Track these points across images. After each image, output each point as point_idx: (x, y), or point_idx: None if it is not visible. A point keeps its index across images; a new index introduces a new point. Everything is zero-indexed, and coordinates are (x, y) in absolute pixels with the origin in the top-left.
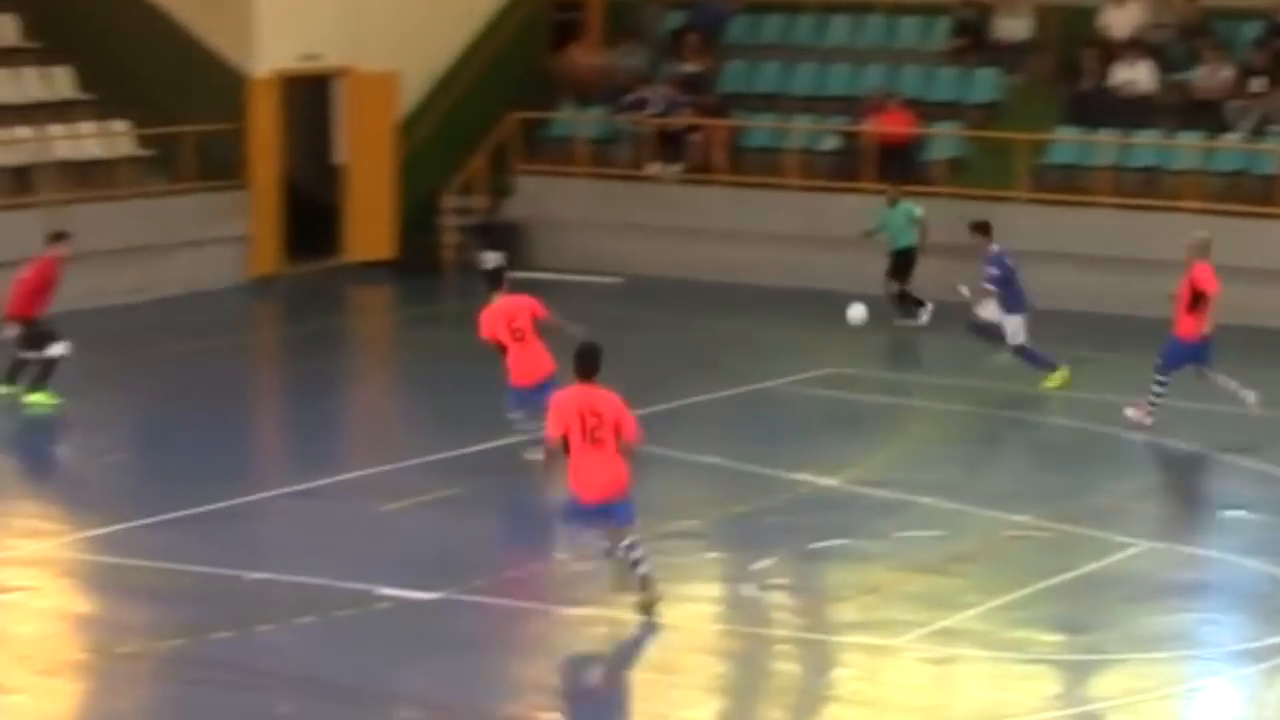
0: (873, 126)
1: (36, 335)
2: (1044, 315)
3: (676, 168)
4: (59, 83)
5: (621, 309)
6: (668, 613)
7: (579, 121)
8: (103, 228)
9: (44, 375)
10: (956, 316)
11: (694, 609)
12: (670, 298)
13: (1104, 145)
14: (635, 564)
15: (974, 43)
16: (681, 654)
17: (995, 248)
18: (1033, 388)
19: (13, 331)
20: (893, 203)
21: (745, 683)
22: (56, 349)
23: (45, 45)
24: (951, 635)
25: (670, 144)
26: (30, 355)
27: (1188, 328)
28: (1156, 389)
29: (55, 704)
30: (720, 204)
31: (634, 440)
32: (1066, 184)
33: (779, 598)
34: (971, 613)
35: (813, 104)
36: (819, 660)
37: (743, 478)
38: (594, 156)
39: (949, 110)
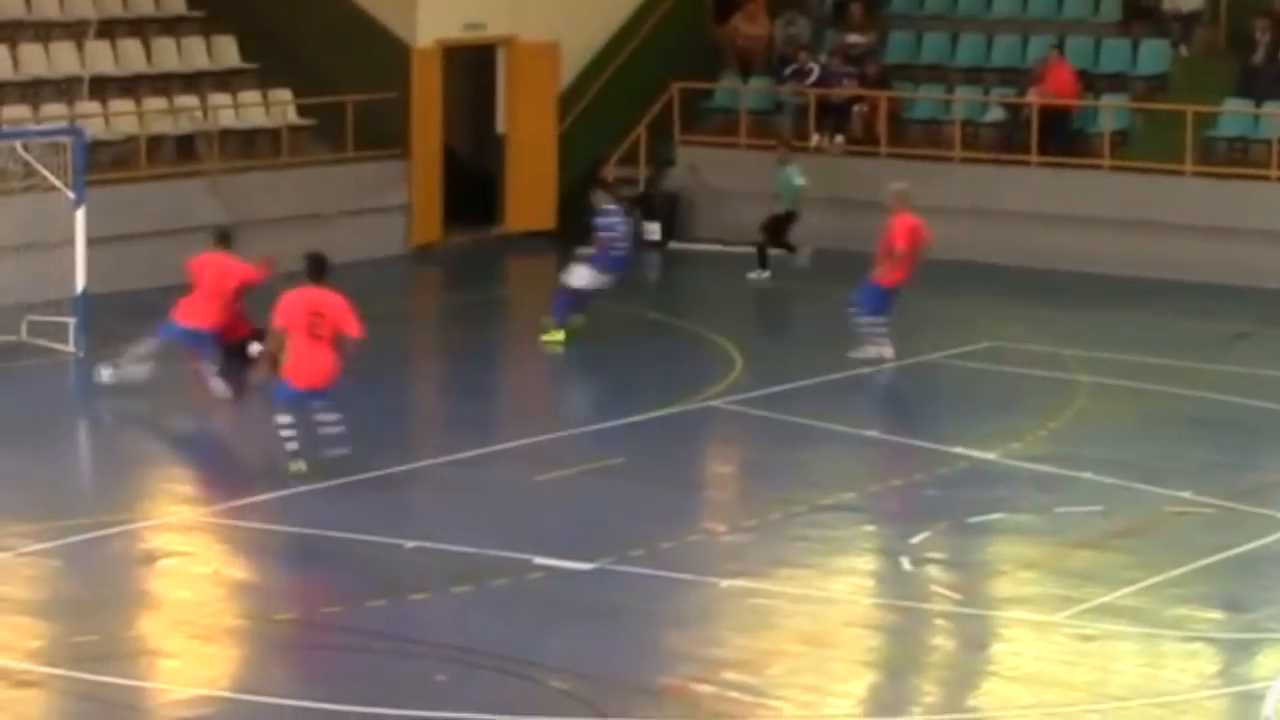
0: (1036, 95)
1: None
2: (1206, 290)
3: (838, 139)
4: (222, 52)
5: (781, 281)
6: (824, 585)
7: (741, 92)
8: (264, 197)
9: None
10: (1112, 291)
11: (850, 582)
12: (830, 270)
13: (1273, 118)
14: (322, 424)
15: (1143, 13)
16: (836, 627)
17: (611, 206)
18: (1193, 363)
19: (255, 349)
20: (783, 163)
21: (900, 657)
22: (254, 348)
23: (209, 14)
24: (1110, 612)
25: (833, 115)
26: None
27: (889, 275)
28: (869, 326)
29: (211, 669)
30: (883, 176)
31: (358, 337)
32: (1235, 157)
33: (936, 572)
34: (1130, 589)
35: (977, 75)
36: (975, 635)
37: (901, 451)
38: (756, 127)
39: (1116, 82)
